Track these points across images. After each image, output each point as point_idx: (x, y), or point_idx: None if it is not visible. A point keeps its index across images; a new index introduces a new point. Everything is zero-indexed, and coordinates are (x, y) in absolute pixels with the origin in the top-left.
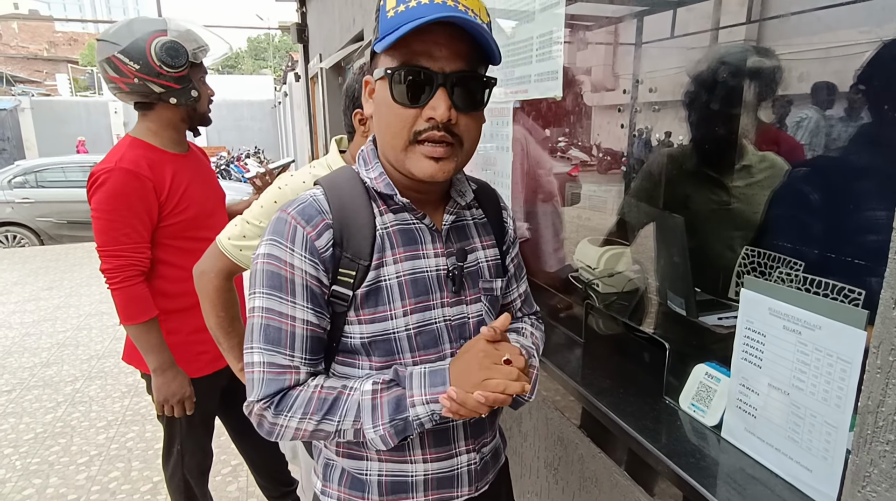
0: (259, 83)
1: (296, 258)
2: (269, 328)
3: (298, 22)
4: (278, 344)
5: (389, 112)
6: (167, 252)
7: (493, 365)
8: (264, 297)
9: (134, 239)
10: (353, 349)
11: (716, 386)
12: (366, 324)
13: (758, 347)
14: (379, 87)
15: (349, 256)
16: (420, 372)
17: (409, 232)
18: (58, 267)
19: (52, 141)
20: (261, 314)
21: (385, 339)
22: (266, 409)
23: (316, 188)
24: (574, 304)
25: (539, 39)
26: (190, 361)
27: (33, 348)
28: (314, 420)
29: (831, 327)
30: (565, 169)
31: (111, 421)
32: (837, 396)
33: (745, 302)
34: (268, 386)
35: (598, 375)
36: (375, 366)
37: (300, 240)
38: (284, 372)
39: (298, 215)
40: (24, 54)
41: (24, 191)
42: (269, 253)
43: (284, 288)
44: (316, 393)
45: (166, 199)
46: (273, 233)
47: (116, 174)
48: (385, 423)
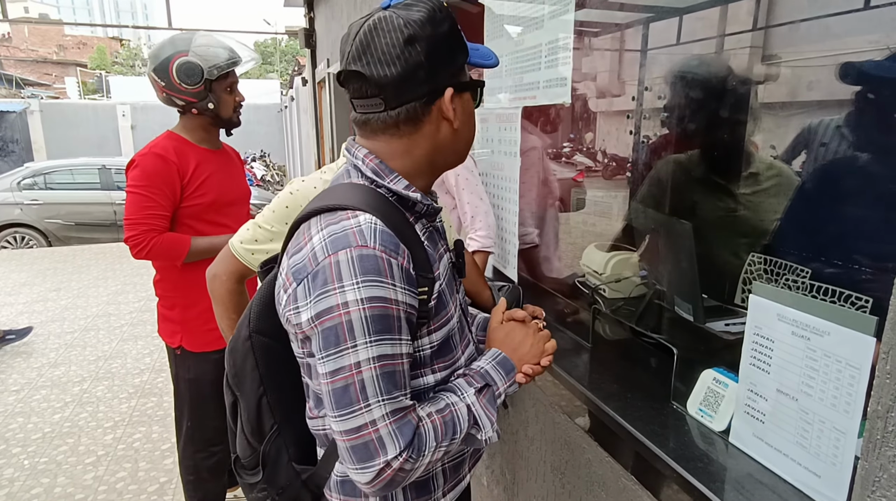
0: (266, 87)
1: (399, 292)
2: (384, 376)
3: (306, 27)
4: (397, 388)
5: (475, 122)
6: (188, 231)
7: (536, 335)
8: (373, 346)
9: (156, 210)
10: (420, 361)
11: (724, 391)
12: (435, 333)
13: (766, 353)
14: (466, 100)
15: (421, 273)
16: (493, 367)
17: (432, 235)
18: (65, 269)
19: (60, 143)
20: (371, 365)
21: (447, 341)
22: (408, 460)
23: (364, 214)
24: (581, 309)
25: (548, 46)
26: (202, 334)
27: (41, 348)
28: (444, 447)
29: (840, 333)
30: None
31: (118, 422)
32: (846, 402)
33: (754, 308)
34: (403, 436)
35: (606, 380)
36: (438, 369)
37: (398, 273)
38: (408, 413)
39: (385, 247)
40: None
41: (32, 193)
42: (372, 295)
43: (394, 328)
44: (437, 420)
45: (188, 183)
46: (367, 274)
47: (149, 157)
48: (495, 420)
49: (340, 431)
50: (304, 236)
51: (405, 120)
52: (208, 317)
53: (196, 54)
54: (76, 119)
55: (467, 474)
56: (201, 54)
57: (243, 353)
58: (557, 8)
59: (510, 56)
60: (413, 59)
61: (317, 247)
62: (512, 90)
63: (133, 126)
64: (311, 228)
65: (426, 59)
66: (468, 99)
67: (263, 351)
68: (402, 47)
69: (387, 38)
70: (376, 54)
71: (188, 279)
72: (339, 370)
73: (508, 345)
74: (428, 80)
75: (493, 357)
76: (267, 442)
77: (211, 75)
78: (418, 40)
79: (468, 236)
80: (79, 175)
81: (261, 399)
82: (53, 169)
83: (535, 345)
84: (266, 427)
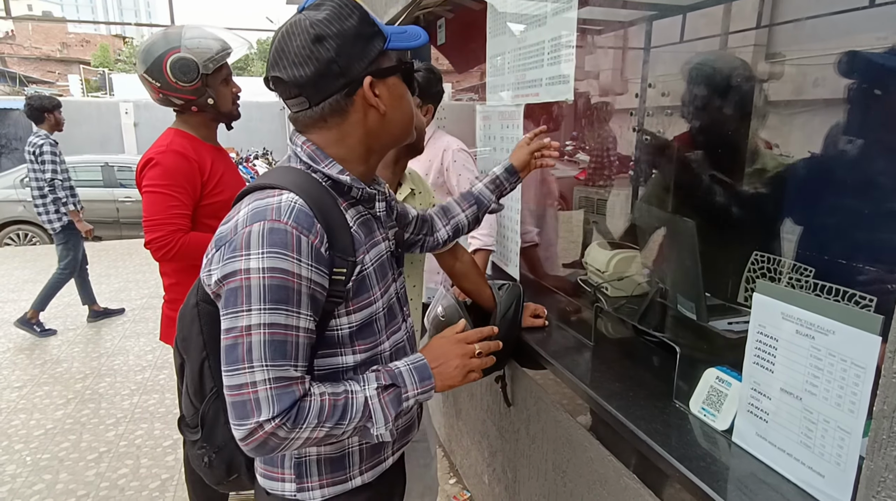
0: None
1: (303, 268)
2: (273, 343)
3: None
4: (285, 358)
5: (409, 103)
6: (206, 230)
7: (465, 357)
8: (266, 313)
9: (181, 209)
10: (339, 341)
11: (727, 390)
12: (354, 313)
13: (770, 351)
14: (392, 84)
15: (340, 255)
16: (408, 370)
17: (367, 222)
18: None
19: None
20: (261, 331)
21: (369, 323)
22: (281, 426)
23: (289, 194)
24: (583, 307)
25: (550, 43)
26: None
27: (44, 345)
28: (326, 427)
29: (845, 332)
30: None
31: (120, 419)
32: (851, 401)
33: (758, 306)
34: (280, 402)
35: (608, 378)
36: (359, 351)
37: (306, 250)
38: (292, 383)
39: (297, 224)
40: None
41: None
42: (273, 266)
43: (291, 300)
44: (326, 400)
45: (207, 180)
46: (273, 246)
47: (169, 155)
48: (392, 419)
49: (227, 386)
50: (234, 211)
51: (330, 113)
52: None
53: (188, 48)
54: (79, 116)
55: (390, 456)
56: (193, 48)
57: (190, 319)
58: (560, 5)
59: (513, 53)
60: (324, 56)
61: (240, 220)
62: (514, 87)
63: (136, 123)
64: (242, 204)
65: (336, 54)
66: (394, 83)
67: (208, 317)
68: (312, 47)
69: (297, 41)
70: (289, 57)
71: (191, 277)
72: (232, 329)
73: (434, 355)
74: (343, 74)
75: (413, 361)
76: (206, 403)
77: (206, 69)
78: (326, 38)
79: (470, 235)
80: (81, 172)
81: (203, 362)
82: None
83: (460, 367)
84: (206, 389)
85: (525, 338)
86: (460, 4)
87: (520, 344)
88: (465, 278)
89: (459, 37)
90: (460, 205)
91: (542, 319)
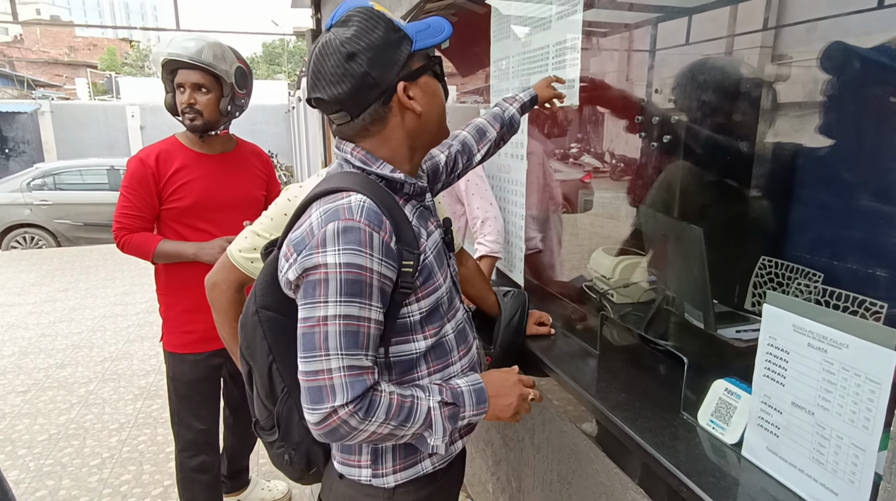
0: (274, 88)
1: (375, 262)
2: (347, 333)
3: (313, 28)
4: (358, 347)
5: (441, 98)
6: (167, 233)
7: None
8: (341, 305)
9: (131, 211)
10: (410, 327)
11: (736, 402)
12: (423, 300)
13: (781, 364)
14: (424, 83)
15: (406, 248)
16: (469, 391)
17: (423, 214)
18: (74, 269)
19: (70, 143)
20: (336, 322)
21: (436, 308)
22: (354, 413)
23: (356, 194)
24: (588, 315)
25: (555, 48)
26: (178, 337)
27: (48, 349)
28: (391, 425)
29: (859, 346)
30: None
31: (123, 424)
32: (865, 417)
33: (768, 318)
34: (353, 389)
35: (614, 388)
36: (429, 335)
37: (378, 245)
38: (363, 372)
39: (369, 221)
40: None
41: (42, 194)
42: (349, 261)
43: (364, 293)
44: (395, 399)
45: (164, 186)
46: (348, 243)
47: (133, 161)
48: (449, 433)
49: (302, 371)
50: (305, 216)
51: (371, 122)
52: (186, 320)
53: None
54: (86, 119)
55: (458, 446)
56: (158, 61)
57: (252, 326)
58: (565, 9)
59: (517, 57)
60: (357, 71)
61: (314, 223)
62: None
63: (142, 126)
64: (311, 210)
65: (369, 67)
66: (426, 81)
67: (270, 323)
68: (345, 65)
69: (331, 61)
70: (326, 77)
71: (173, 280)
72: (309, 318)
73: (493, 386)
74: (378, 84)
75: (473, 383)
76: (280, 403)
77: (159, 76)
78: (358, 54)
79: (476, 241)
80: (87, 175)
81: (271, 365)
82: (62, 169)
83: (514, 406)
84: (278, 390)
85: (529, 346)
86: (464, 8)
87: (524, 352)
88: (469, 284)
89: (463, 40)
90: (493, 127)
91: (547, 327)
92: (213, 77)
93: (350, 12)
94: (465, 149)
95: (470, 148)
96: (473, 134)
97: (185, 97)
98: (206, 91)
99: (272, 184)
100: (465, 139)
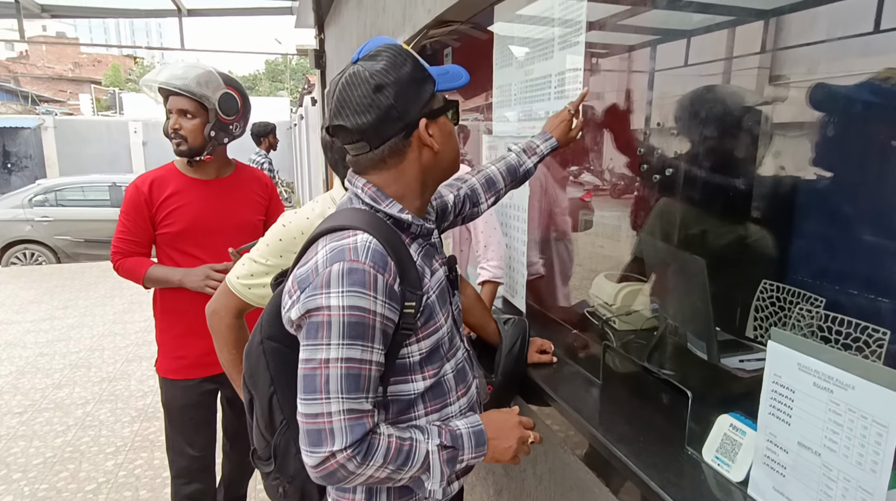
0: (276, 105)
1: (378, 305)
2: (349, 376)
3: (317, 48)
4: (359, 390)
5: (455, 139)
6: (163, 259)
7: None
8: (344, 348)
9: (125, 236)
10: (409, 368)
11: (741, 438)
12: (423, 340)
13: (786, 403)
14: (442, 123)
15: (410, 289)
16: (468, 434)
17: (428, 252)
18: (73, 286)
19: (73, 159)
20: (338, 365)
21: (436, 348)
22: (352, 458)
23: (363, 234)
24: (590, 342)
25: (557, 77)
26: (169, 361)
27: (46, 368)
28: (389, 469)
29: (866, 387)
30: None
31: (120, 447)
32: (873, 460)
33: (773, 355)
34: (353, 433)
35: (618, 420)
36: (428, 376)
37: (382, 288)
38: (363, 416)
39: (374, 263)
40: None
41: (43, 210)
42: (352, 304)
43: (367, 335)
44: (394, 442)
45: (156, 211)
46: (353, 285)
47: (130, 187)
48: (447, 477)
49: (302, 413)
50: (311, 252)
51: (390, 154)
52: (178, 344)
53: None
54: (89, 135)
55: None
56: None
57: (256, 356)
58: (567, 39)
59: (519, 85)
60: (384, 103)
61: (319, 261)
62: (522, 118)
63: (145, 142)
64: (318, 246)
65: (395, 100)
66: (444, 121)
67: (274, 354)
68: (373, 96)
69: (358, 91)
70: (352, 106)
71: (167, 304)
72: (311, 360)
73: (492, 427)
74: (401, 118)
75: (473, 425)
76: (278, 435)
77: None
78: (385, 87)
79: (479, 265)
80: (89, 192)
81: (272, 396)
82: (64, 186)
83: (513, 448)
84: (277, 422)
85: (531, 374)
86: (466, 34)
87: (526, 381)
88: (469, 312)
89: (466, 65)
90: (504, 180)
91: (548, 355)
92: (197, 103)
93: (380, 48)
94: (474, 195)
95: (478, 196)
96: (483, 183)
97: (171, 122)
98: (192, 117)
99: (273, 208)
100: (474, 186)
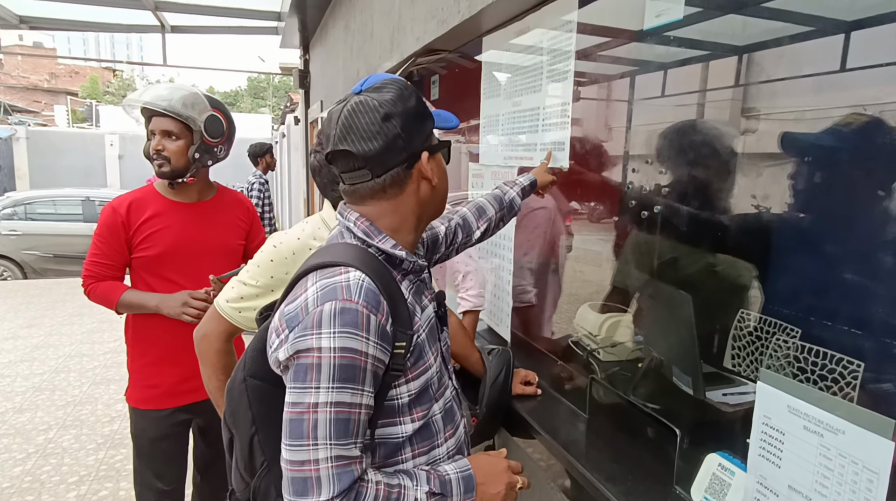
0: (257, 122)
1: (370, 346)
2: (338, 421)
3: (301, 69)
4: (347, 436)
5: (446, 179)
6: (137, 283)
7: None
8: (333, 392)
9: (99, 258)
10: (398, 410)
11: (730, 479)
12: (413, 381)
13: (776, 445)
14: (439, 160)
15: (401, 329)
16: (457, 479)
17: (418, 288)
18: (40, 303)
19: (45, 171)
20: (327, 409)
21: (426, 388)
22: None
23: (355, 271)
24: (575, 373)
25: (545, 111)
26: (140, 391)
27: (6, 392)
28: None
29: (855, 433)
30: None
31: (84, 476)
32: None
33: (762, 397)
34: (341, 481)
35: (606, 457)
36: (417, 418)
37: (374, 328)
38: (352, 462)
39: (367, 303)
40: (25, 84)
41: (11, 223)
42: (345, 346)
43: (357, 378)
44: (381, 491)
45: (133, 235)
46: (345, 326)
47: (106, 209)
48: None
49: (287, 459)
50: (300, 289)
51: (391, 184)
52: (151, 373)
53: None
54: (63, 147)
55: None
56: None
57: (238, 394)
58: (556, 72)
59: (507, 115)
60: (391, 132)
61: (309, 299)
62: (508, 148)
63: (121, 156)
64: (307, 282)
65: (402, 130)
66: (440, 158)
67: (257, 393)
68: (381, 124)
69: (366, 118)
70: (359, 132)
71: (140, 331)
72: (298, 403)
73: (481, 472)
74: (406, 148)
75: (462, 470)
76: (257, 478)
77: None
78: (393, 116)
79: (458, 295)
80: (61, 206)
81: (253, 437)
82: (34, 199)
83: (502, 494)
84: (257, 464)
85: (516, 407)
86: (453, 62)
87: (510, 413)
88: (452, 341)
89: (452, 93)
90: (493, 207)
91: (533, 386)
92: (182, 125)
93: (385, 81)
94: (466, 224)
95: (470, 224)
96: (473, 211)
97: (154, 143)
98: (176, 138)
99: (254, 232)
100: (465, 215)
